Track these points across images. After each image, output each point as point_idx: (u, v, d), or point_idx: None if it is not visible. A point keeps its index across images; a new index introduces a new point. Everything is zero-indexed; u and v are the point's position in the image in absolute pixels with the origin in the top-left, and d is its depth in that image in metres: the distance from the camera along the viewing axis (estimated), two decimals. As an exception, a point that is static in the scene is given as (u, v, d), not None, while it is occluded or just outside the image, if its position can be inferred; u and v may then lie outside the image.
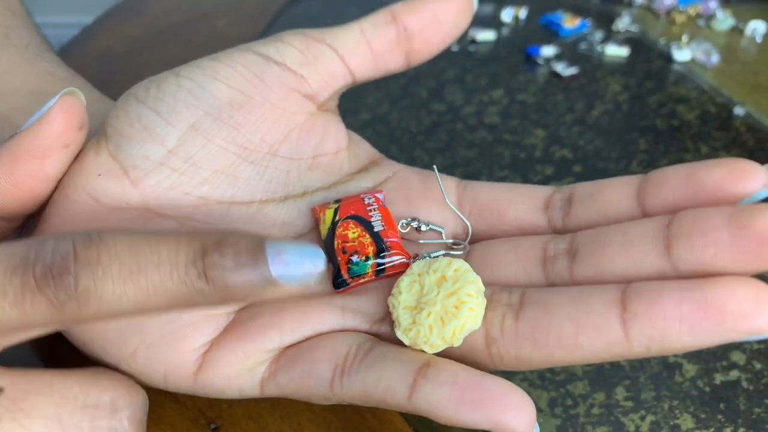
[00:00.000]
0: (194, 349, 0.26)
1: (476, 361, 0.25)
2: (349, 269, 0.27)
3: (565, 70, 0.48)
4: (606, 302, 0.23)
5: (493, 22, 0.54)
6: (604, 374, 0.31)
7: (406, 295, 0.25)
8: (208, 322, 0.26)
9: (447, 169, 0.41)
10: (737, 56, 0.51)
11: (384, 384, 0.24)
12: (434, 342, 0.24)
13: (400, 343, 0.25)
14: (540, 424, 0.29)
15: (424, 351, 0.25)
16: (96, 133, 0.28)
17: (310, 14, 0.56)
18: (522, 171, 0.41)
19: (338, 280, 0.27)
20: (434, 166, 0.30)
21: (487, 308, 0.25)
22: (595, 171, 0.41)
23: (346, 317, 0.26)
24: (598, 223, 0.26)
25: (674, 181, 0.25)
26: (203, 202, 0.28)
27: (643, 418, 0.29)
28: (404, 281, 0.26)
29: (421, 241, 0.29)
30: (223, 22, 0.54)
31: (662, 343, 0.22)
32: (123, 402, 0.25)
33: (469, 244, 0.29)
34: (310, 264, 0.22)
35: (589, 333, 0.23)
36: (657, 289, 0.22)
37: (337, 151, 0.30)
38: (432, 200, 0.30)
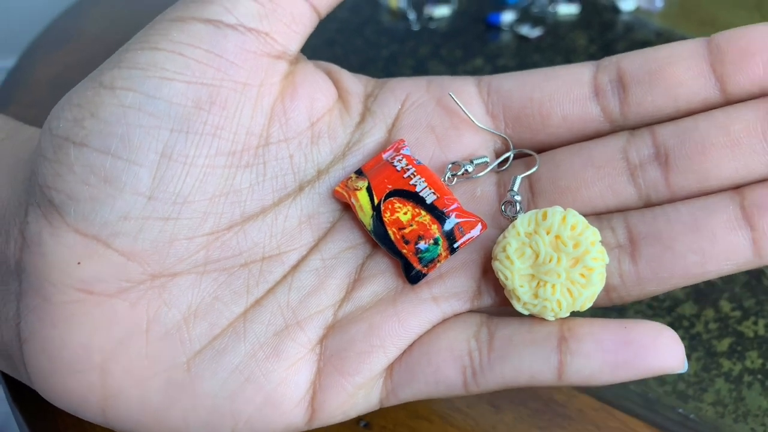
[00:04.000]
0: (298, 403, 0.23)
1: (593, 305, 0.23)
2: (420, 259, 0.23)
3: (531, 32, 0.49)
4: (729, 223, 0.22)
5: (439, -1, 0.54)
6: (703, 292, 0.32)
7: (519, 263, 0.22)
8: (297, 370, 0.23)
9: (467, 137, 0.41)
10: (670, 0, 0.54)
11: (527, 373, 0.22)
12: (562, 315, 0.23)
13: (512, 311, 0.23)
14: (670, 348, 0.30)
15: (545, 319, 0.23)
16: (37, 203, 0.22)
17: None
18: (536, 128, 0.42)
19: (412, 274, 0.24)
20: (450, 93, 0.26)
21: None
22: (601, 117, 0.42)
23: (442, 306, 0.23)
24: (668, 108, 0.24)
25: (762, 52, 0.22)
26: (213, 238, 0.23)
27: (756, 323, 0.31)
28: (511, 245, 0.23)
29: (477, 175, 0.25)
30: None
31: None
32: None
33: (518, 157, 0.26)
34: None
35: (718, 260, 0.22)
36: None
37: (330, 106, 0.25)
38: (459, 125, 0.26)
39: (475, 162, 0.25)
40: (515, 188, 0.24)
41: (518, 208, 0.24)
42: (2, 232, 0.23)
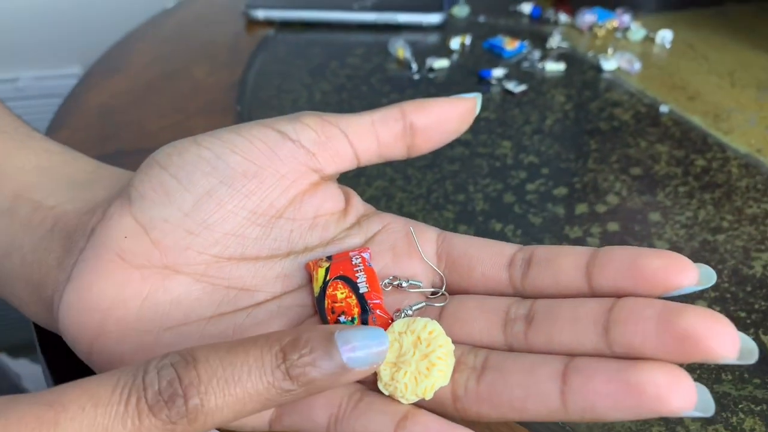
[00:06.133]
0: None
1: (444, 412, 0.28)
2: None
3: (515, 87, 0.55)
4: (550, 374, 0.27)
5: (443, 50, 0.61)
6: None
7: (387, 353, 0.28)
8: None
9: (438, 182, 0.47)
10: (653, 62, 0.60)
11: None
12: (409, 397, 0.28)
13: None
14: None
15: (401, 402, 0.28)
16: (121, 195, 0.31)
17: (277, 57, 0.62)
18: (500, 177, 0.48)
19: None
20: (411, 228, 0.33)
21: (455, 369, 0.28)
22: (559, 171, 0.48)
23: None
24: (550, 288, 0.30)
25: (619, 263, 0.28)
26: (215, 260, 0.31)
27: None
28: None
29: (410, 290, 0.32)
30: (201, 72, 0.59)
31: (593, 414, 0.26)
32: None
33: (448, 293, 0.32)
34: (376, 346, 0.26)
35: (534, 400, 0.27)
36: (593, 367, 0.27)
37: (333, 212, 0.33)
38: (413, 254, 0.33)
39: (410, 281, 0.33)
40: (413, 308, 0.32)
41: (402, 316, 0.31)
42: (91, 212, 0.32)
